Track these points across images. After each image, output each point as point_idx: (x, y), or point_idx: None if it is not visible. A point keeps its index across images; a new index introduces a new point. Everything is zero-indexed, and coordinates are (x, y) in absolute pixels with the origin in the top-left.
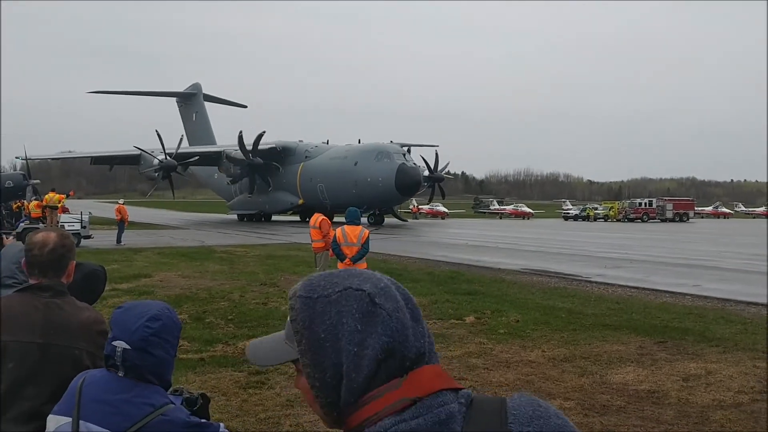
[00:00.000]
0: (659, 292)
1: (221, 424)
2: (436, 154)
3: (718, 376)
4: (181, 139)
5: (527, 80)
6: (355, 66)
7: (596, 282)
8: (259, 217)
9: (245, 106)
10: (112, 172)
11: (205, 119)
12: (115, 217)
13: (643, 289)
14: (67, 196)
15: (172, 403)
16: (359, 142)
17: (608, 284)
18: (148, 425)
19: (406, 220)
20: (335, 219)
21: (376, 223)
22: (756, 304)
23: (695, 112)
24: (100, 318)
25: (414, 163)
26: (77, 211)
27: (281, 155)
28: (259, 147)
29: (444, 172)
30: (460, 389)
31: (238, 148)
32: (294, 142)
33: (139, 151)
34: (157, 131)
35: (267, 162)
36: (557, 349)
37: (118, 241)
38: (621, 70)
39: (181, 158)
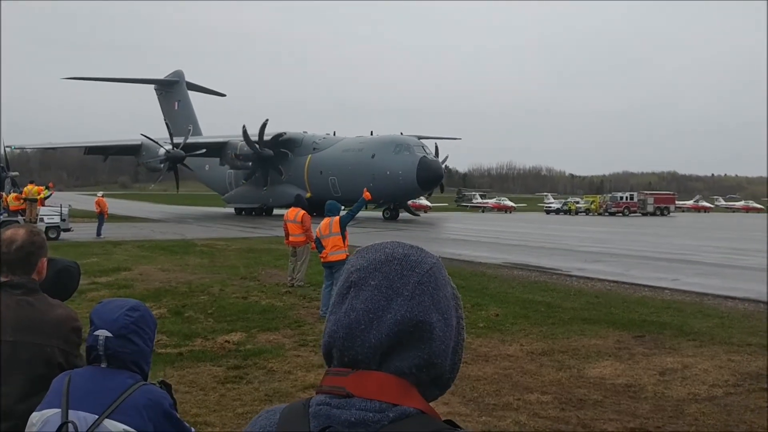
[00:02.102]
0: (638, 286)
1: (193, 430)
2: (436, 147)
3: (693, 370)
4: (190, 130)
5: (511, 75)
6: (337, 60)
7: (576, 276)
8: (260, 211)
9: (224, 95)
10: (93, 164)
11: (189, 108)
12: (95, 210)
13: (623, 283)
14: (47, 188)
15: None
16: (371, 134)
17: (588, 278)
18: (128, 401)
19: (419, 215)
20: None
21: (392, 218)
22: (733, 298)
23: (677, 107)
24: (73, 315)
25: (435, 156)
26: (57, 204)
27: (287, 147)
28: (264, 138)
29: (443, 165)
30: (401, 405)
31: (244, 139)
32: (299, 133)
33: (139, 141)
34: (166, 121)
35: (277, 153)
36: (536, 343)
37: (98, 234)
38: (604, 65)
39: (187, 149)
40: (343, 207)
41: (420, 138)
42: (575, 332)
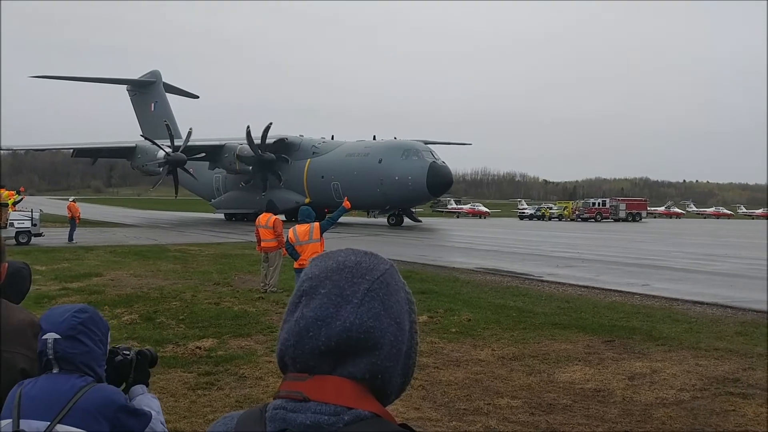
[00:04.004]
0: (609, 292)
1: (152, 413)
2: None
3: (662, 374)
4: (189, 132)
5: (487, 81)
6: (312, 65)
7: (548, 281)
8: (254, 217)
9: (197, 97)
10: (65, 168)
11: (166, 110)
12: (67, 215)
13: (593, 288)
14: (18, 193)
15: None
16: (374, 139)
17: (559, 283)
18: (79, 404)
19: (420, 221)
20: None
21: (396, 224)
22: (701, 303)
23: (650, 114)
24: (36, 320)
25: (443, 162)
26: (27, 208)
27: (285, 150)
28: (262, 141)
29: None
30: (356, 408)
31: (245, 142)
32: (296, 137)
33: (133, 143)
34: (166, 122)
35: (278, 157)
36: (507, 347)
37: (70, 239)
38: (579, 72)
39: (186, 153)
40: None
41: (426, 143)
42: (546, 337)
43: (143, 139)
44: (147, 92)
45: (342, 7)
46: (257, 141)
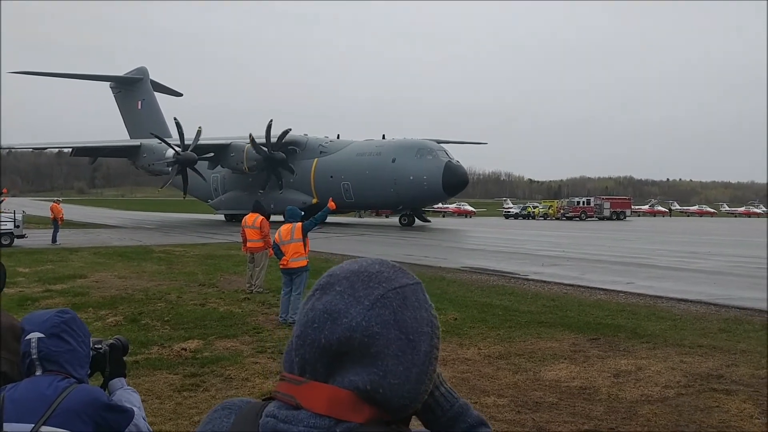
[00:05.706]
0: (594, 290)
1: (135, 410)
2: None
3: (647, 371)
4: (199, 131)
5: (469, 81)
6: (310, 65)
7: (533, 280)
8: None
9: (181, 95)
10: (48, 169)
11: (155, 108)
12: (50, 217)
13: (579, 286)
14: (0, 194)
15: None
16: (383, 138)
17: (545, 282)
18: (63, 405)
19: (429, 220)
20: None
21: (408, 224)
22: (685, 300)
23: (634, 113)
24: (16, 323)
25: (458, 161)
26: (10, 210)
27: (291, 149)
28: (262, 139)
29: None
30: (348, 421)
31: (249, 142)
32: (301, 136)
33: (138, 142)
34: (176, 119)
35: (287, 156)
36: (493, 346)
37: (54, 240)
38: (563, 73)
39: (196, 152)
40: (309, 215)
41: (439, 142)
42: (532, 335)
43: (152, 136)
44: (133, 89)
45: (341, 7)
46: (261, 140)
